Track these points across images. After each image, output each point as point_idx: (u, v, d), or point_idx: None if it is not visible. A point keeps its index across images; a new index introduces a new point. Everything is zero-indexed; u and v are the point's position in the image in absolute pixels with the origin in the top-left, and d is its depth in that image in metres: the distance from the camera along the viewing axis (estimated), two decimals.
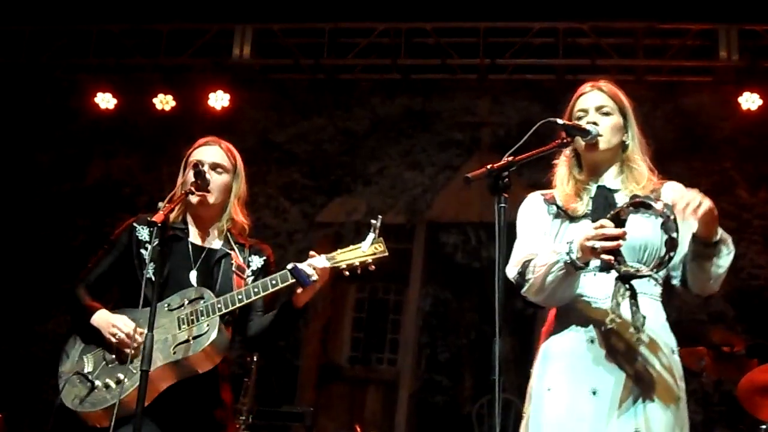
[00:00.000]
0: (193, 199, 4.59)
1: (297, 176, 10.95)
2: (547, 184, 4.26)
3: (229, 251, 4.71)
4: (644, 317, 3.72)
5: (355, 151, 10.95)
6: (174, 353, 4.36)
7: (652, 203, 3.64)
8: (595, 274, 3.92)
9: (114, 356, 4.47)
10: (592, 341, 3.87)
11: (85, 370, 4.48)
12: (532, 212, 4.18)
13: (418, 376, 10.27)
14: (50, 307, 9.91)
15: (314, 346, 10.53)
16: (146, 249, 4.56)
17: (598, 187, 4.10)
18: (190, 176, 4.57)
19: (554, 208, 4.11)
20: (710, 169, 9.98)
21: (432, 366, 10.26)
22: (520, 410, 4.04)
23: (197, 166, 4.56)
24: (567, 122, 4.03)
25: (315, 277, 4.41)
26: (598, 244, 3.66)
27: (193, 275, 4.62)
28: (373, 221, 4.55)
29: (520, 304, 4.20)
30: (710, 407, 8.74)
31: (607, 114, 4.11)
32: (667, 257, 3.66)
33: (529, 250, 3.97)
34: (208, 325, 4.39)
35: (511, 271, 3.97)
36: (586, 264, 3.80)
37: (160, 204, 4.36)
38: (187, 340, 4.38)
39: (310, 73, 10.94)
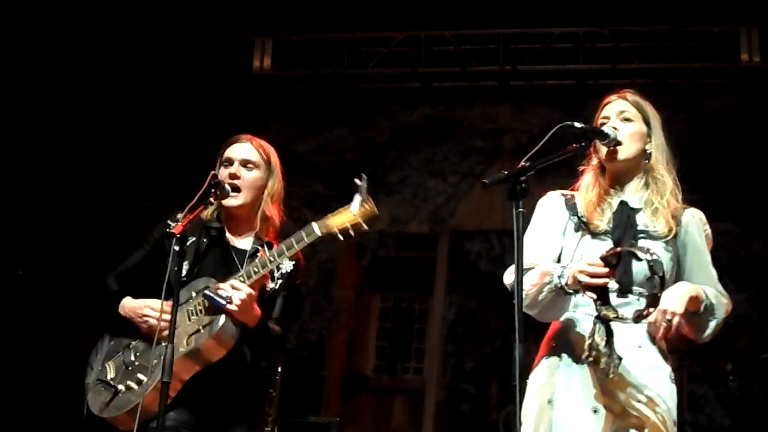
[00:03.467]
0: (228, 200, 4.60)
1: (319, 187, 10.94)
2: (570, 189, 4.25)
3: (259, 247, 4.69)
4: (620, 359, 3.76)
5: (377, 160, 10.93)
6: (188, 344, 4.38)
7: (641, 255, 3.65)
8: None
9: (133, 359, 4.51)
10: (608, 365, 3.88)
11: (108, 377, 4.53)
12: (550, 212, 4.19)
13: (444, 385, 10.24)
14: (76, 321, 9.94)
15: (339, 357, 10.52)
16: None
17: (621, 203, 4.08)
18: (209, 186, 4.54)
19: (576, 218, 4.10)
20: (733, 171, 9.93)
21: (458, 374, 10.22)
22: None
23: (215, 177, 4.55)
24: (585, 125, 4.01)
25: (230, 303, 4.35)
26: (584, 279, 3.69)
27: (243, 269, 4.60)
28: (357, 181, 4.49)
29: None
30: (737, 411, 8.70)
31: (628, 120, 4.09)
32: (646, 312, 3.67)
33: (530, 258, 3.96)
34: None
35: (508, 279, 3.98)
36: (575, 291, 3.81)
37: (179, 215, 4.36)
38: (199, 330, 4.40)
39: (331, 84, 10.95)
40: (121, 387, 4.46)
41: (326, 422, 9.00)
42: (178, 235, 4.23)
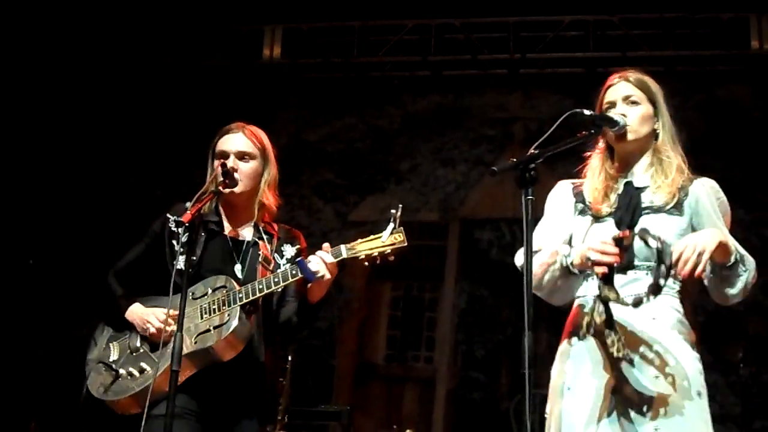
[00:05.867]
0: (226, 191, 4.58)
1: (330, 176, 10.95)
2: (580, 177, 4.25)
3: (258, 240, 4.71)
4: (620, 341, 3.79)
5: (387, 149, 10.93)
6: (195, 343, 4.39)
7: (651, 242, 3.65)
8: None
9: (139, 345, 4.53)
10: (613, 343, 3.87)
11: (111, 359, 4.55)
12: (558, 200, 4.20)
13: (454, 374, 10.24)
14: (87, 311, 9.94)
15: (350, 345, 10.52)
16: (178, 241, 4.58)
17: (626, 183, 4.08)
18: (219, 174, 4.53)
19: (581, 204, 4.11)
20: (744, 159, 9.91)
21: (469, 363, 10.22)
22: None
23: (224, 165, 4.55)
24: (594, 113, 4.01)
25: (321, 273, 4.40)
26: (594, 256, 3.70)
27: (238, 268, 4.64)
28: (392, 211, 4.45)
29: None
30: (749, 399, 8.69)
31: (634, 103, 4.09)
32: (646, 298, 3.66)
33: (539, 243, 3.98)
34: (228, 314, 4.41)
35: (519, 260, 3.98)
36: (582, 271, 3.84)
37: (188, 204, 4.36)
38: (208, 330, 4.41)
39: (341, 72, 10.95)
40: (122, 371, 4.48)
41: (337, 411, 9.01)
42: (186, 224, 4.23)
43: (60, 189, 10.77)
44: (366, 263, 4.48)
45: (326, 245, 4.50)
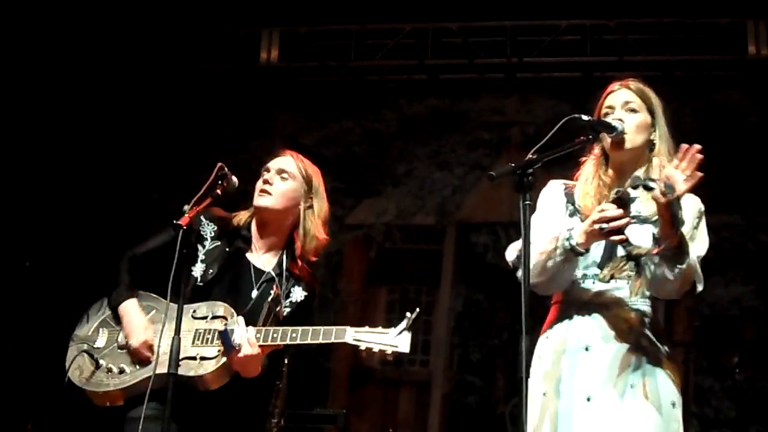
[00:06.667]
0: (257, 200, 4.60)
1: (326, 179, 10.93)
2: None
3: (276, 276, 4.67)
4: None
5: (384, 152, 10.93)
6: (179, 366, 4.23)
7: (651, 184, 3.67)
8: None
9: (125, 343, 4.49)
10: (587, 349, 3.88)
11: (96, 344, 4.52)
12: (551, 199, 4.21)
13: (450, 377, 10.24)
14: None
15: (346, 349, 10.47)
16: (203, 245, 4.57)
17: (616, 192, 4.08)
18: (215, 172, 4.51)
19: (571, 207, 4.13)
20: (740, 164, 9.92)
21: (464, 366, 10.23)
22: None
23: (222, 168, 4.52)
24: (592, 118, 4.03)
25: (241, 350, 4.27)
26: (605, 226, 3.70)
27: (254, 294, 4.61)
28: (408, 314, 4.29)
29: None
30: (744, 404, 8.70)
31: (633, 111, 4.09)
32: (659, 248, 3.72)
33: (534, 236, 3.94)
34: (219, 350, 4.34)
35: (510, 255, 4.00)
36: (587, 250, 3.84)
37: (186, 207, 4.33)
38: (194, 358, 4.34)
39: (337, 76, 10.95)
40: (102, 363, 4.46)
41: (332, 414, 9.00)
42: (184, 227, 4.21)
43: (57, 191, 10.75)
44: (364, 354, 4.35)
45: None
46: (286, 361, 8.09)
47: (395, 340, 4.27)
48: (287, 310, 4.63)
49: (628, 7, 10.15)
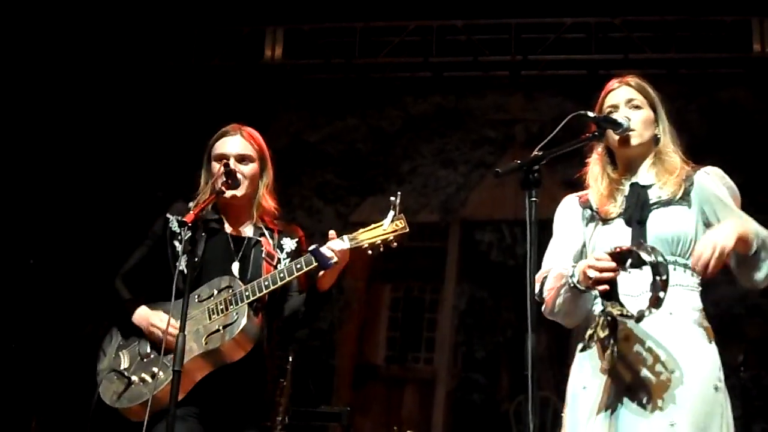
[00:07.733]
0: (228, 193, 4.60)
1: (330, 176, 10.95)
2: (580, 181, 4.25)
3: (260, 238, 4.73)
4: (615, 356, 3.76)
5: (388, 150, 10.93)
6: (206, 343, 4.40)
7: (645, 257, 3.60)
8: (629, 272, 3.79)
9: (149, 350, 4.53)
10: (626, 339, 3.86)
11: (121, 367, 4.55)
12: (566, 215, 4.20)
13: (454, 375, 10.24)
14: (88, 311, 9.93)
15: (350, 346, 10.52)
16: (179, 241, 4.61)
17: (632, 184, 4.07)
18: (222, 175, 4.55)
19: (588, 211, 4.11)
20: (745, 162, 9.91)
21: (469, 364, 10.23)
22: (557, 408, 4.03)
23: (227, 165, 4.56)
24: (597, 115, 4.02)
25: (335, 260, 4.41)
26: (593, 275, 3.67)
27: (235, 266, 4.65)
28: (392, 198, 4.51)
29: None
30: (749, 402, 8.67)
31: (637, 107, 4.09)
32: (648, 312, 3.63)
33: (548, 264, 4.01)
34: (237, 313, 4.41)
35: (536, 288, 3.95)
36: (587, 288, 3.79)
37: (191, 204, 4.36)
38: (218, 330, 4.42)
39: (342, 73, 10.94)
40: (134, 378, 4.48)
41: (337, 412, 9.00)
42: (189, 224, 4.23)
43: (61, 189, 10.75)
44: (370, 252, 4.49)
45: (332, 232, 4.52)
46: (290, 359, 8.11)
47: (392, 226, 4.46)
48: (286, 261, 4.68)
49: (633, 4, 10.15)
